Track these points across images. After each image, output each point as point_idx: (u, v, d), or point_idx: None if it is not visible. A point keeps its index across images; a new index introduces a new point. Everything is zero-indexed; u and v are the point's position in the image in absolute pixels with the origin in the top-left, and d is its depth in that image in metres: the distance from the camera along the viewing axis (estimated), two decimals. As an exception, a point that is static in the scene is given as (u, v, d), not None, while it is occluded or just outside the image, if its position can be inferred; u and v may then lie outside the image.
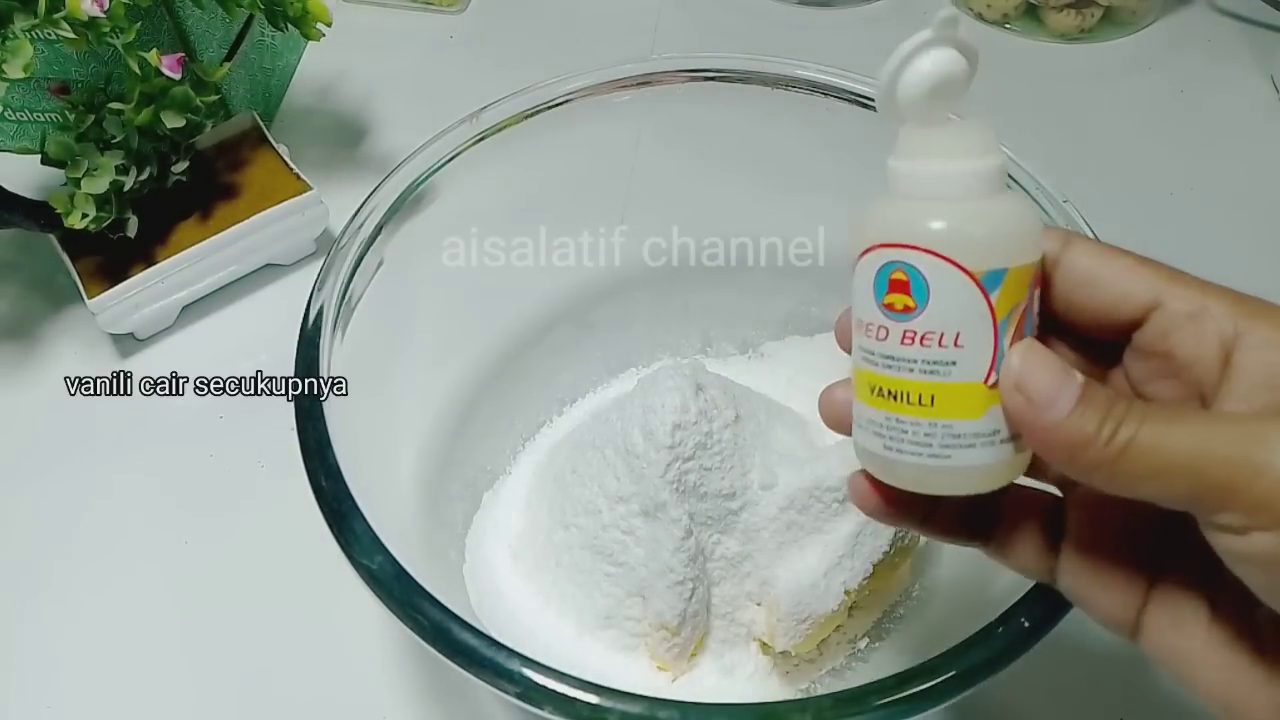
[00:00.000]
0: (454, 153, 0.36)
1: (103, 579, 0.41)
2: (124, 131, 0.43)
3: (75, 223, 0.42)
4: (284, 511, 0.41)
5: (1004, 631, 0.25)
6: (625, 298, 0.43)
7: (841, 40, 0.61)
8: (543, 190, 0.40)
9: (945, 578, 0.36)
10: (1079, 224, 0.33)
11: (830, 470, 0.33)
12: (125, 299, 0.45)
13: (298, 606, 0.40)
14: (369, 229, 0.34)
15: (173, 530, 0.42)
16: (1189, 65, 0.60)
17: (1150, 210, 0.53)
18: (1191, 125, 0.57)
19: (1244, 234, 0.52)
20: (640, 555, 0.33)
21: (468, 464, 0.39)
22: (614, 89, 0.39)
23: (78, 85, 0.48)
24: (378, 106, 0.58)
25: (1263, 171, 0.55)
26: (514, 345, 0.41)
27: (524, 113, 0.38)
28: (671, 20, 0.63)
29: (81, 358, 0.48)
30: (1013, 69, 0.60)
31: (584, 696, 0.25)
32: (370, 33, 0.62)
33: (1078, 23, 0.60)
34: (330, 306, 0.32)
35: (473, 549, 0.37)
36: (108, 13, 0.38)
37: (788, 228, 0.41)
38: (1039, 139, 0.38)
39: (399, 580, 0.27)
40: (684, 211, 0.42)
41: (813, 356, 0.42)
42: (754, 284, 0.42)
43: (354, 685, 0.38)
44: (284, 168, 0.49)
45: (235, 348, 0.48)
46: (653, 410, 0.33)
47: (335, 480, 0.28)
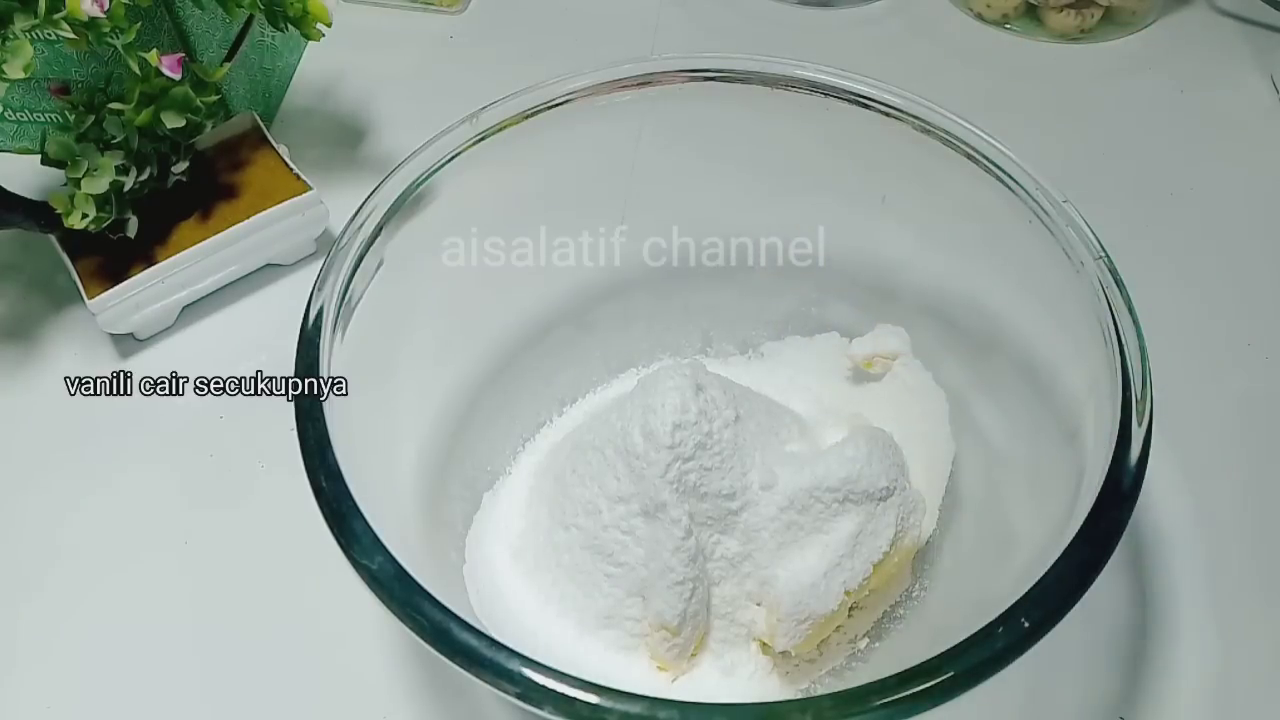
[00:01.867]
0: (454, 153, 0.36)
1: (102, 579, 0.41)
2: (124, 132, 0.43)
3: (75, 223, 0.42)
4: (284, 511, 0.41)
5: (1004, 631, 0.25)
6: (625, 298, 0.43)
7: (841, 40, 0.61)
8: (543, 190, 0.40)
9: (945, 578, 0.36)
10: (1079, 224, 0.33)
11: (830, 470, 0.33)
12: (125, 299, 0.45)
13: (298, 606, 0.40)
14: (369, 229, 0.34)
15: (173, 530, 0.42)
16: (1189, 65, 0.60)
17: (1150, 211, 0.53)
18: (1191, 125, 0.57)
19: (1244, 234, 0.52)
20: (640, 555, 0.33)
21: (468, 464, 0.39)
22: (614, 89, 0.39)
23: (78, 85, 0.48)
24: (378, 106, 0.58)
25: (1262, 172, 0.55)
26: (514, 345, 0.41)
27: (524, 113, 0.38)
28: (671, 20, 0.63)
29: (81, 358, 0.48)
30: (1012, 69, 0.60)
31: (584, 696, 0.25)
32: (370, 33, 0.62)
33: (1078, 23, 0.60)
34: (330, 306, 0.32)
35: (473, 549, 0.37)
36: (108, 13, 0.38)
37: (788, 228, 0.41)
38: (1038, 139, 0.38)
39: (399, 581, 0.27)
40: (684, 211, 0.42)
41: (813, 356, 0.43)
42: (754, 284, 0.42)
43: (354, 685, 0.38)
44: (284, 168, 0.49)
45: (235, 348, 0.48)
46: (653, 410, 0.33)
47: (335, 480, 0.28)
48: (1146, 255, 0.48)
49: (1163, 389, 0.30)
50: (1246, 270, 0.50)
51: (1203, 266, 0.50)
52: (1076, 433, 0.31)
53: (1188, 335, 0.47)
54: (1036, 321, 0.36)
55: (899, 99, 0.37)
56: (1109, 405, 0.30)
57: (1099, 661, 0.38)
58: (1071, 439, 0.32)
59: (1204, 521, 0.42)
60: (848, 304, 0.42)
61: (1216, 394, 0.46)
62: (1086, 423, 0.31)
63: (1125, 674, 0.38)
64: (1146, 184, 0.54)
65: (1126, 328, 0.31)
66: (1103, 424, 0.30)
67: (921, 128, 0.37)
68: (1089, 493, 0.28)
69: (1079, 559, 0.26)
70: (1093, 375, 0.31)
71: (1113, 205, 0.40)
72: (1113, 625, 0.39)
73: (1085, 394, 0.32)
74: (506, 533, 0.38)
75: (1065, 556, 0.27)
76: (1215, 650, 0.38)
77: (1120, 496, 0.28)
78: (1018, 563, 0.30)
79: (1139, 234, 0.50)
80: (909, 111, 0.37)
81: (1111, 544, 0.27)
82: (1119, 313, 0.31)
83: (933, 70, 0.59)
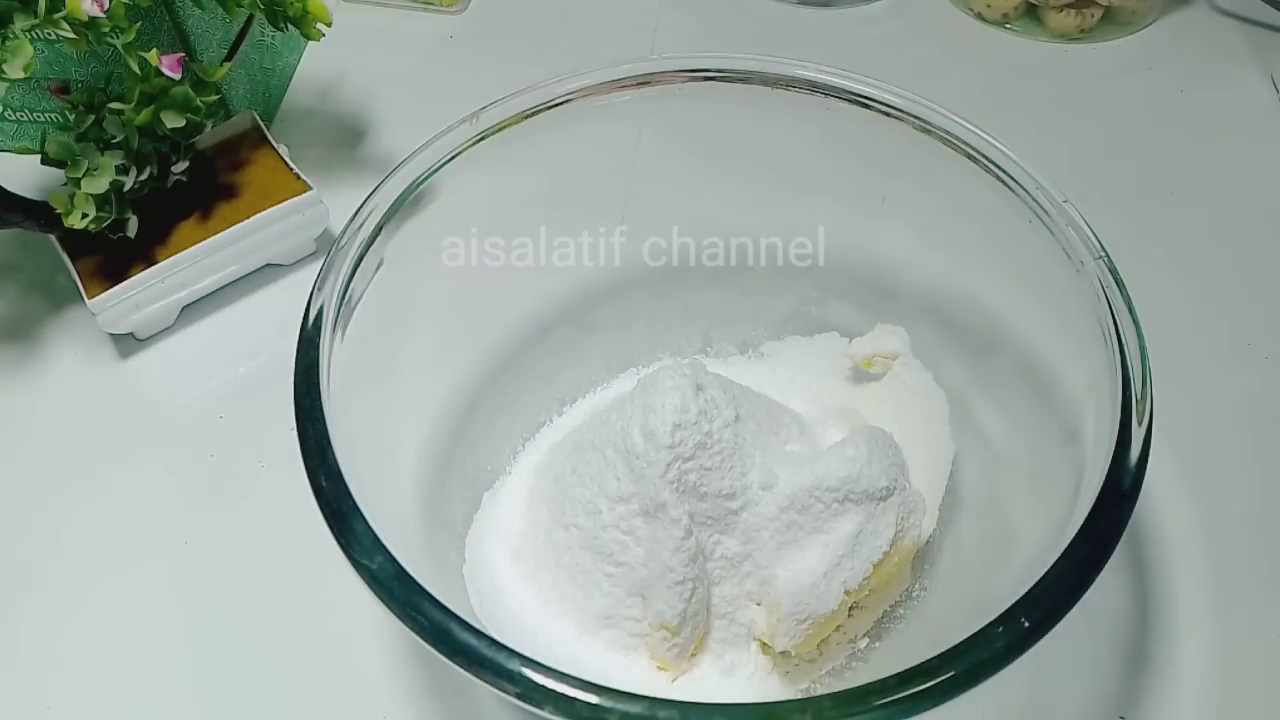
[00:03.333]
0: (454, 153, 0.36)
1: (103, 579, 0.41)
2: (124, 131, 0.43)
3: (75, 223, 0.42)
4: (284, 511, 0.41)
5: (1004, 631, 0.25)
6: (625, 298, 0.43)
7: (841, 40, 0.61)
8: (543, 190, 0.40)
9: (945, 577, 0.36)
10: (1079, 224, 0.33)
11: (830, 470, 0.33)
12: (125, 299, 0.45)
13: (298, 606, 0.40)
14: (369, 229, 0.34)
15: (173, 530, 0.42)
16: (1189, 65, 0.60)
17: (1150, 210, 0.53)
18: (1191, 125, 0.57)
19: (1244, 234, 0.52)
20: (640, 555, 0.33)
21: (468, 464, 0.39)
22: (614, 89, 0.39)
23: (78, 85, 0.48)
24: (378, 106, 0.58)
25: (1262, 171, 0.55)
26: (514, 345, 0.41)
27: (524, 113, 0.38)
28: (671, 20, 0.63)
29: (81, 358, 0.48)
30: (1012, 69, 0.60)
31: (584, 696, 0.25)
32: (370, 33, 0.62)
33: (1078, 23, 0.60)
34: (330, 306, 0.32)
35: (473, 549, 0.37)
36: (108, 13, 0.38)
37: (788, 228, 0.41)
38: (1038, 139, 0.38)
39: (399, 581, 0.27)
40: (684, 211, 0.42)
41: (813, 356, 0.43)
42: (754, 284, 0.42)
43: (354, 685, 0.38)
44: (284, 168, 0.49)
45: (235, 348, 0.48)
46: (653, 410, 0.33)
47: (335, 480, 0.28)
48: (1146, 255, 0.48)
49: (1162, 387, 0.30)
50: (1246, 269, 0.50)
51: (1202, 266, 0.50)
52: (1076, 432, 0.31)
53: (1188, 334, 0.47)
54: (1036, 321, 0.36)
55: (899, 99, 0.37)
56: (1109, 405, 0.30)
57: (1099, 661, 0.38)
58: (1071, 438, 0.32)
59: (1204, 521, 0.42)
60: (848, 304, 0.42)
61: (1216, 393, 0.46)
62: (1087, 422, 0.31)
63: (1125, 674, 0.38)
64: (1146, 184, 0.54)
65: (1126, 327, 0.31)
66: (1103, 423, 0.30)
67: (921, 127, 0.37)
68: (1089, 492, 0.28)
69: (1079, 559, 0.26)
70: (1093, 375, 0.31)
71: (1112, 205, 0.40)
72: (1113, 625, 0.39)
73: (1085, 393, 0.32)
74: (506, 533, 0.38)
75: (1065, 556, 0.27)
76: (1215, 650, 0.38)
77: (1120, 496, 0.28)
78: (1018, 562, 0.30)
79: (1139, 234, 0.50)
80: (909, 111, 0.37)
81: (1112, 543, 0.27)
82: (1119, 312, 0.31)
83: (933, 70, 0.59)
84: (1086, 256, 0.33)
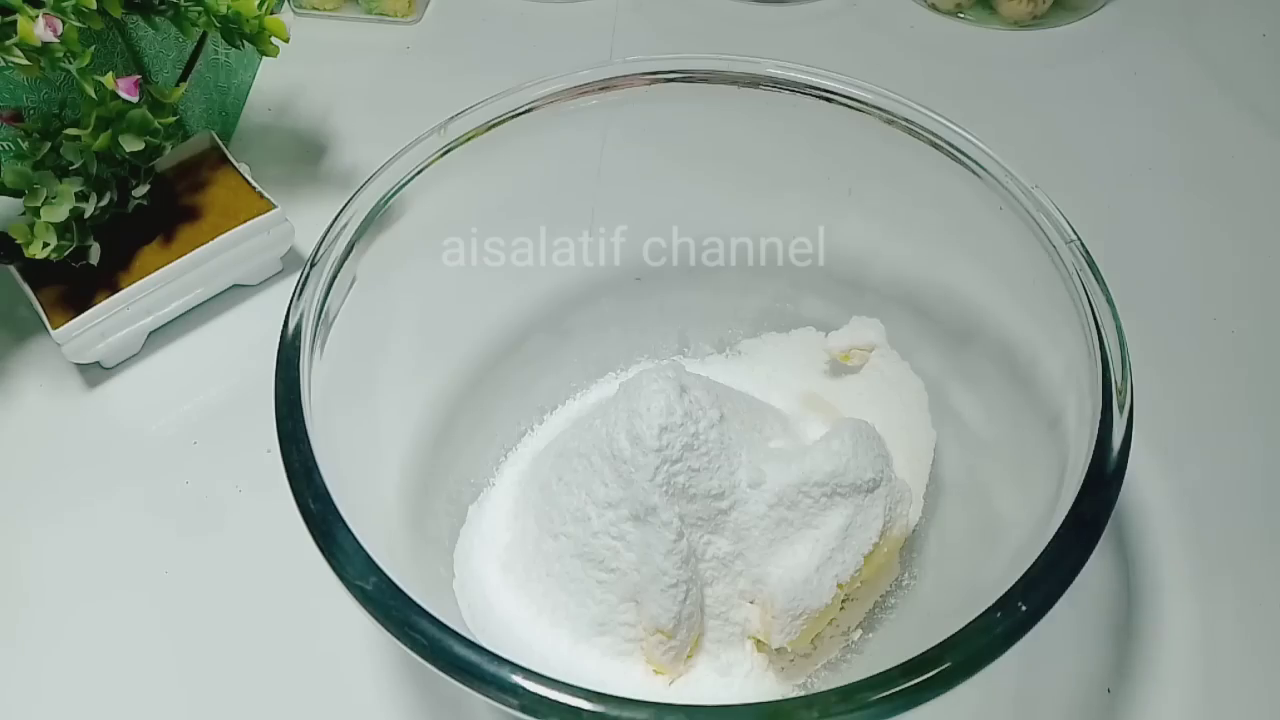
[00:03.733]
0: (423, 165, 0.36)
1: (80, 613, 0.40)
2: (82, 157, 0.42)
3: (36, 252, 0.42)
4: (266, 535, 0.40)
5: (1003, 616, 0.25)
6: (600, 302, 0.43)
7: (797, 36, 0.62)
8: (511, 199, 0.40)
9: (933, 565, 0.37)
10: (1049, 209, 0.34)
11: (817, 465, 0.34)
12: (90, 327, 0.44)
13: (285, 630, 0.39)
14: (342, 245, 0.34)
15: (152, 560, 0.41)
16: (1140, 47, 0.61)
17: (1112, 193, 0.53)
18: (1145, 107, 0.58)
19: (1202, 212, 0.53)
20: (632, 560, 0.33)
21: (450, 477, 0.39)
22: (578, 94, 0.39)
23: (30, 112, 0.47)
24: (337, 120, 0.57)
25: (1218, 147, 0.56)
26: (491, 355, 0.41)
27: (490, 122, 0.38)
28: (628, 23, 0.63)
29: (48, 390, 0.47)
30: (968, 58, 0.61)
31: (588, 706, 0.25)
32: (326, 46, 0.61)
33: (1029, 9, 0.61)
34: (308, 326, 0.32)
35: (461, 563, 0.37)
36: (61, 38, 0.37)
37: (758, 226, 0.41)
38: (997, 126, 0.39)
39: (395, 600, 0.26)
40: (653, 213, 0.42)
41: (790, 352, 0.43)
42: (728, 282, 0.42)
43: (347, 706, 0.38)
44: (246, 187, 0.48)
45: (205, 371, 0.47)
46: (638, 414, 0.33)
47: (324, 502, 0.28)
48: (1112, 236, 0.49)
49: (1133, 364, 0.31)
50: (1207, 246, 0.51)
51: (1166, 245, 0.51)
52: (1058, 418, 0.32)
53: (1153, 313, 0.48)
54: (1011, 308, 0.36)
55: (862, 92, 0.38)
56: (1090, 391, 0.30)
57: (1086, 637, 0.39)
58: (1053, 425, 0.32)
59: (1181, 496, 0.42)
60: (822, 298, 0.42)
61: (1185, 369, 0.46)
62: (1068, 408, 0.31)
63: (1111, 648, 0.39)
64: (1106, 167, 0.55)
65: (1103, 310, 0.31)
66: (1084, 407, 0.30)
67: (887, 119, 0.37)
68: (1074, 476, 0.28)
69: (1071, 542, 0.27)
70: (1070, 359, 0.32)
71: (1075, 189, 0.40)
72: (1098, 602, 0.39)
73: (1064, 378, 0.32)
74: (494, 545, 0.37)
75: (1057, 540, 0.27)
76: (1197, 622, 0.39)
77: (1106, 480, 0.28)
78: (1005, 547, 0.31)
79: (1103, 216, 0.50)
80: (873, 104, 0.38)
81: (1101, 526, 0.27)
82: (1094, 295, 0.31)
83: (889, 62, 0.60)
84: (1058, 240, 0.33)
